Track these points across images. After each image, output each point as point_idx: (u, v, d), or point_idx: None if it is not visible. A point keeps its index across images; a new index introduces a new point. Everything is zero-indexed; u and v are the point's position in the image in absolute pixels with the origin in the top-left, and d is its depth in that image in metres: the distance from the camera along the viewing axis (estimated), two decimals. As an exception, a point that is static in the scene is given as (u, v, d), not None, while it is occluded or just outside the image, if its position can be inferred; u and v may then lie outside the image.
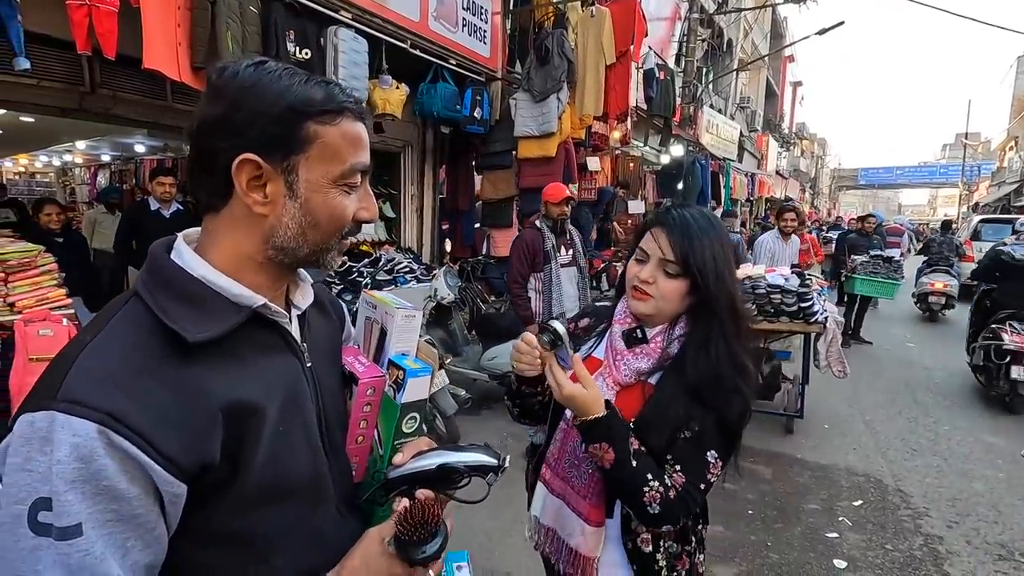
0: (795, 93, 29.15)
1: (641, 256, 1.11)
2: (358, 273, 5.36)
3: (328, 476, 0.75)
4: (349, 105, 0.68)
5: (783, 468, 3.63)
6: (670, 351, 1.10)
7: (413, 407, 0.83)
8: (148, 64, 3.08)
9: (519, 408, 1.24)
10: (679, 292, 1.07)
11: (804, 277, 3.91)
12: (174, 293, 0.63)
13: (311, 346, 0.78)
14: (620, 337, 1.14)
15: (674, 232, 1.06)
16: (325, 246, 0.70)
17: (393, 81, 4.74)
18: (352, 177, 0.69)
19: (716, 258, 1.06)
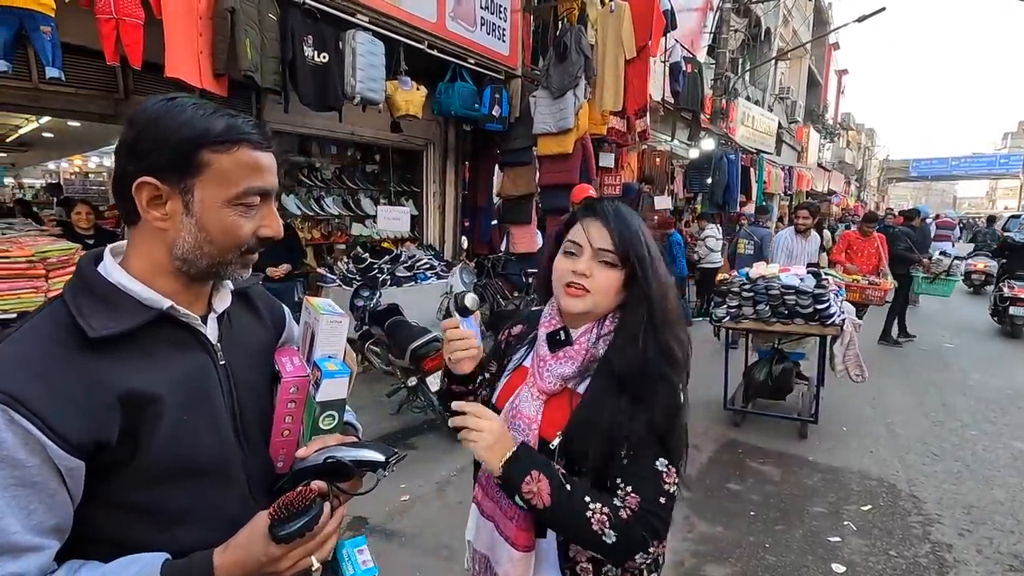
0: (840, 82, 28.02)
1: (572, 249, 1.03)
2: (378, 270, 5.51)
3: (239, 462, 0.83)
4: (247, 136, 0.76)
5: (792, 470, 3.57)
6: (596, 351, 1.03)
7: (331, 406, 0.90)
8: (170, 73, 3.26)
9: (452, 413, 1.10)
10: (616, 284, 1.01)
11: (820, 277, 3.81)
12: (92, 296, 0.73)
13: (229, 345, 0.86)
14: (544, 341, 1.07)
15: (609, 221, 1.01)
16: (223, 259, 0.79)
17: (413, 83, 4.85)
18: (247, 199, 0.77)
19: (649, 245, 1.03)
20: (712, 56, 11.66)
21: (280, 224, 0.84)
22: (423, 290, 5.73)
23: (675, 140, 9.46)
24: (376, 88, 4.51)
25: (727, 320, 4.03)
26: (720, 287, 4.12)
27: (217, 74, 3.54)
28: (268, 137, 0.80)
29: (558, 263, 1.05)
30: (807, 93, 21.85)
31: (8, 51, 2.92)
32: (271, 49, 3.78)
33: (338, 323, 0.97)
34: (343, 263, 5.56)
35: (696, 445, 3.91)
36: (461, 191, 7.11)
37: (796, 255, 5.18)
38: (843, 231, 8.03)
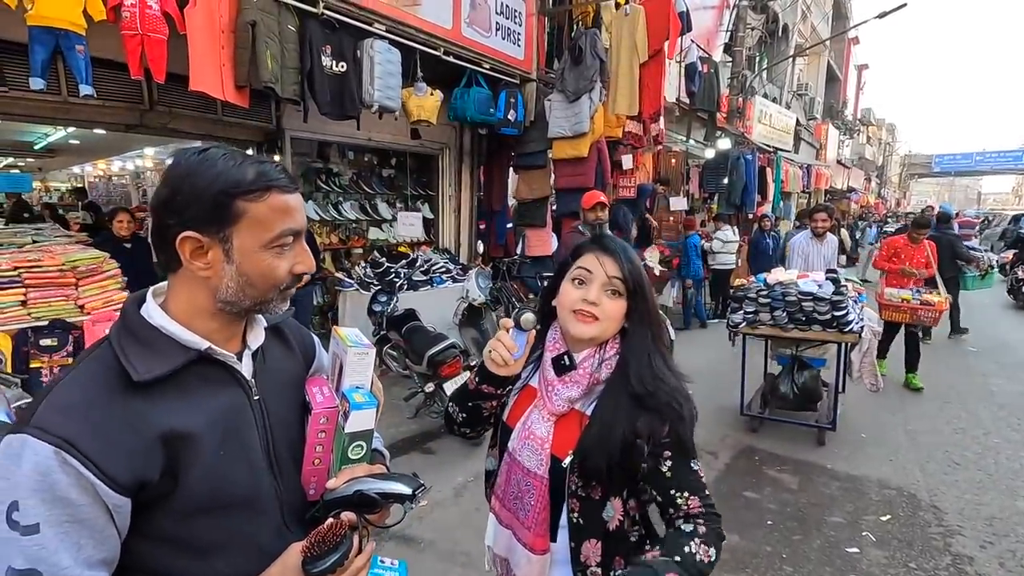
0: (860, 77, 27.55)
1: (582, 277, 1.10)
2: (395, 274, 5.57)
3: (272, 493, 0.87)
4: (276, 182, 0.80)
5: (810, 478, 3.55)
6: (599, 375, 1.10)
7: (359, 436, 0.94)
8: (194, 87, 3.33)
9: (467, 414, 1.22)
10: (621, 312, 1.10)
11: (839, 283, 3.78)
12: (136, 339, 0.78)
13: (264, 380, 0.90)
14: (550, 365, 1.13)
15: (617, 253, 1.11)
16: (264, 299, 0.84)
17: (427, 88, 4.89)
18: (281, 240, 0.81)
19: (644, 275, 1.13)
20: (729, 54, 11.55)
21: (312, 259, 0.88)
22: (439, 294, 5.78)
23: (691, 140, 9.40)
24: (393, 96, 4.55)
25: (744, 326, 4.02)
26: (737, 293, 4.10)
27: (239, 86, 3.61)
28: (294, 179, 0.84)
29: (567, 291, 1.12)
30: (826, 89, 21.53)
31: (44, 69, 3.00)
32: (291, 60, 3.84)
33: (365, 355, 1.01)
34: (360, 267, 5.63)
35: (713, 452, 3.91)
36: (476, 194, 7.15)
37: (812, 260, 5.09)
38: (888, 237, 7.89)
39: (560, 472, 1.07)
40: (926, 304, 4.82)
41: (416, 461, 3.73)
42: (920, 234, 5.39)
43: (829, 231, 5.37)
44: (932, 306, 4.79)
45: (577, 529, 1.08)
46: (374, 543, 0.89)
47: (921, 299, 4.86)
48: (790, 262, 5.15)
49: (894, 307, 4.95)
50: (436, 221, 7.05)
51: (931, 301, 4.80)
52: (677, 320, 7.86)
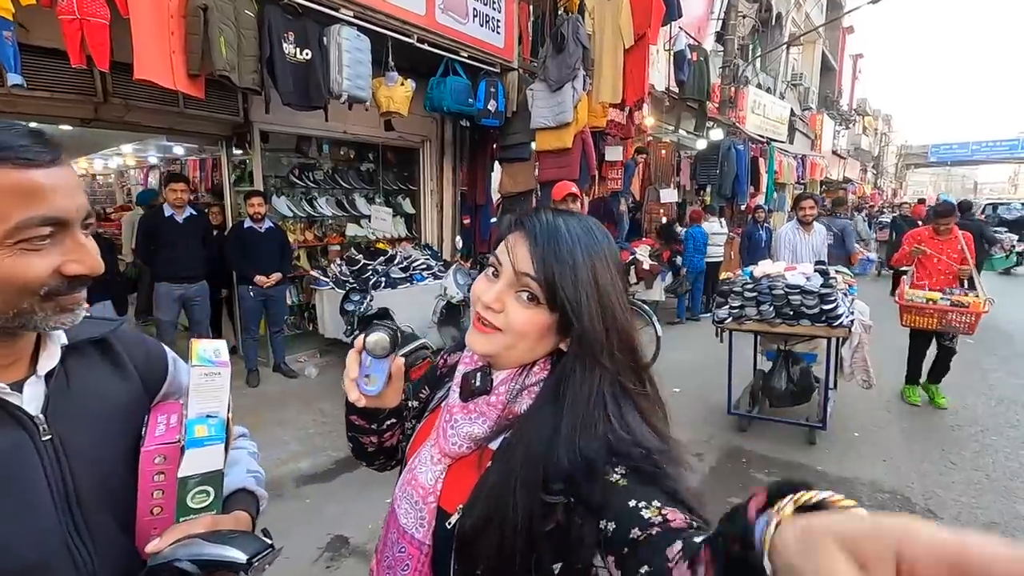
0: (855, 66, 27.32)
1: (495, 266, 0.78)
2: (372, 271, 5.38)
3: (71, 558, 0.68)
4: (10, 152, 0.59)
5: (799, 481, 3.37)
6: (516, 407, 0.77)
7: (200, 481, 0.75)
8: (139, 75, 3.12)
9: (353, 444, 0.95)
10: (540, 327, 0.75)
11: (827, 275, 3.60)
12: None
13: (64, 412, 0.71)
14: (458, 384, 0.83)
15: (538, 241, 0.73)
16: (19, 310, 0.63)
17: (399, 77, 4.68)
18: (27, 232, 0.61)
19: (599, 284, 0.73)
20: (720, 43, 11.33)
21: (96, 259, 0.67)
22: (419, 292, 5.59)
23: (680, 131, 9.20)
24: (363, 85, 4.35)
25: (729, 321, 3.84)
26: (723, 287, 3.92)
27: (191, 74, 3.41)
28: (47, 148, 0.63)
29: (476, 284, 0.81)
30: (821, 79, 21.31)
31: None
32: (249, 47, 3.64)
33: (215, 375, 0.81)
34: (336, 265, 5.44)
35: (698, 454, 3.74)
36: (459, 189, 6.95)
37: (799, 252, 4.85)
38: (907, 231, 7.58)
39: (446, 535, 0.75)
40: (958, 306, 3.97)
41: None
42: (944, 224, 4.55)
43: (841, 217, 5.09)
44: (966, 308, 3.93)
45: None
46: None
47: (952, 299, 4.05)
48: (777, 254, 4.95)
49: (916, 309, 4.14)
50: (418, 216, 6.86)
51: (964, 302, 3.97)
52: (669, 315, 7.69)
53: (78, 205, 0.65)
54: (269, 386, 4.91)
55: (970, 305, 3.95)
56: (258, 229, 4.74)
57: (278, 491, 3.31)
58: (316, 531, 2.88)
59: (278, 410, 4.42)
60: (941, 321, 4.07)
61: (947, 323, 4.07)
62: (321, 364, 5.50)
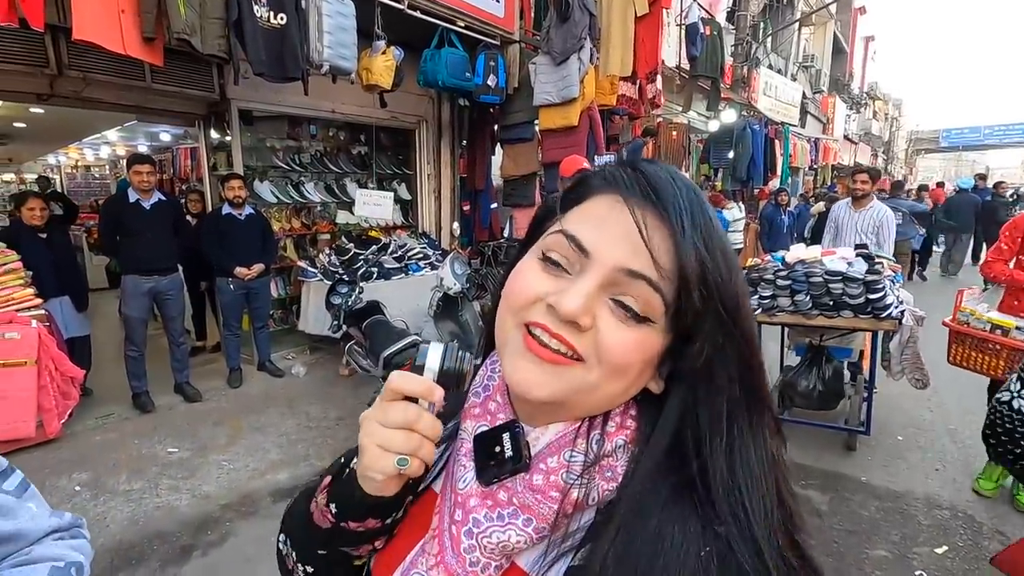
0: (867, 49, 26.60)
1: (565, 255, 0.46)
2: (364, 261, 4.98)
3: None
4: None
5: (843, 497, 2.97)
6: (583, 496, 0.45)
7: None
8: (79, 36, 2.71)
9: (315, 568, 0.55)
10: (647, 356, 0.45)
11: (872, 260, 3.17)
12: None
13: None
14: (470, 452, 0.50)
15: (679, 216, 0.44)
16: None
17: (383, 46, 4.23)
18: None
19: (742, 284, 0.46)
20: (731, 21, 10.81)
21: None
22: (415, 282, 5.21)
23: (692, 111, 8.72)
24: (347, 55, 3.92)
25: (759, 313, 3.42)
26: (751, 275, 3.49)
27: (146, 37, 2.99)
28: None
29: (524, 275, 0.48)
30: (832, 61, 20.69)
31: None
32: (213, 8, 3.21)
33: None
34: (325, 255, 5.04)
35: (724, 462, 3.33)
36: (458, 173, 6.52)
37: (843, 233, 4.36)
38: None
39: None
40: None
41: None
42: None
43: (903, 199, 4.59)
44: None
45: None
46: None
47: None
48: (827, 233, 4.48)
49: (972, 340, 2.76)
50: (414, 202, 6.44)
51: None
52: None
53: None
54: (252, 387, 4.53)
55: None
56: (238, 216, 4.33)
57: (252, 507, 2.94)
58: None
59: (259, 413, 4.04)
60: (1009, 364, 2.56)
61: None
62: (310, 362, 5.11)
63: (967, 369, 2.85)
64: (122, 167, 12.13)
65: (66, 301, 3.81)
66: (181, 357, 4.27)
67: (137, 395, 4.03)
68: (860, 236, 4.38)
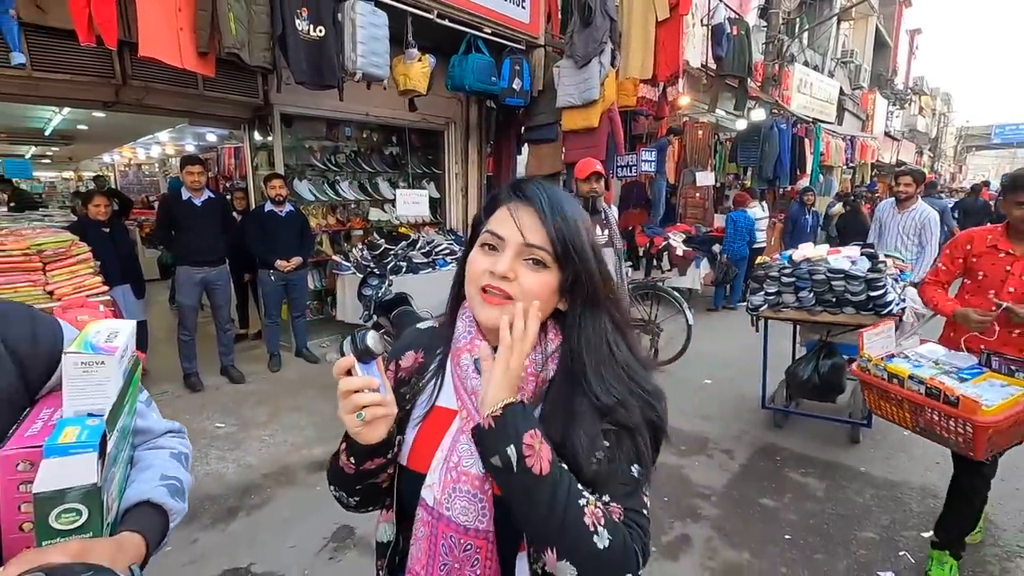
0: (912, 42, 25.72)
1: (492, 242, 0.77)
2: (393, 256, 5.28)
3: None
4: None
5: (840, 484, 3.10)
6: (545, 374, 0.78)
7: (68, 497, 0.61)
8: (145, 52, 3.06)
9: (360, 496, 0.85)
10: (548, 287, 0.76)
11: (876, 259, 3.28)
12: None
13: None
14: (473, 371, 0.79)
15: (543, 207, 0.76)
16: None
17: (417, 53, 4.51)
18: None
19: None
20: (764, 18, 10.74)
21: None
22: (441, 277, 5.47)
23: (719, 110, 8.75)
24: (379, 63, 4.21)
25: (765, 309, 3.56)
26: (758, 271, 3.64)
27: (200, 52, 3.33)
28: None
29: (473, 260, 0.80)
30: (874, 56, 20.12)
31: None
32: (259, 24, 3.53)
33: (96, 364, 0.67)
34: (358, 250, 5.36)
35: (728, 450, 3.50)
36: (485, 172, 6.78)
37: (885, 235, 4.53)
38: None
39: (510, 521, 0.72)
40: (938, 398, 1.99)
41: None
42: None
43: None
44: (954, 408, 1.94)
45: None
46: None
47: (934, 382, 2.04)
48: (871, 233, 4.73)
49: (880, 390, 2.26)
50: (442, 201, 6.73)
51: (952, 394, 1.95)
52: (707, 302, 7.37)
53: None
54: (289, 371, 4.89)
55: (959, 403, 1.91)
56: (278, 213, 4.69)
57: (290, 477, 3.26)
58: (323, 520, 2.79)
59: (296, 395, 4.38)
60: (918, 420, 2.12)
61: (927, 426, 2.08)
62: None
63: (885, 419, 2.34)
64: (170, 165, 12.84)
65: (127, 289, 4.23)
66: (227, 342, 4.65)
67: (188, 375, 4.43)
68: (902, 237, 4.47)
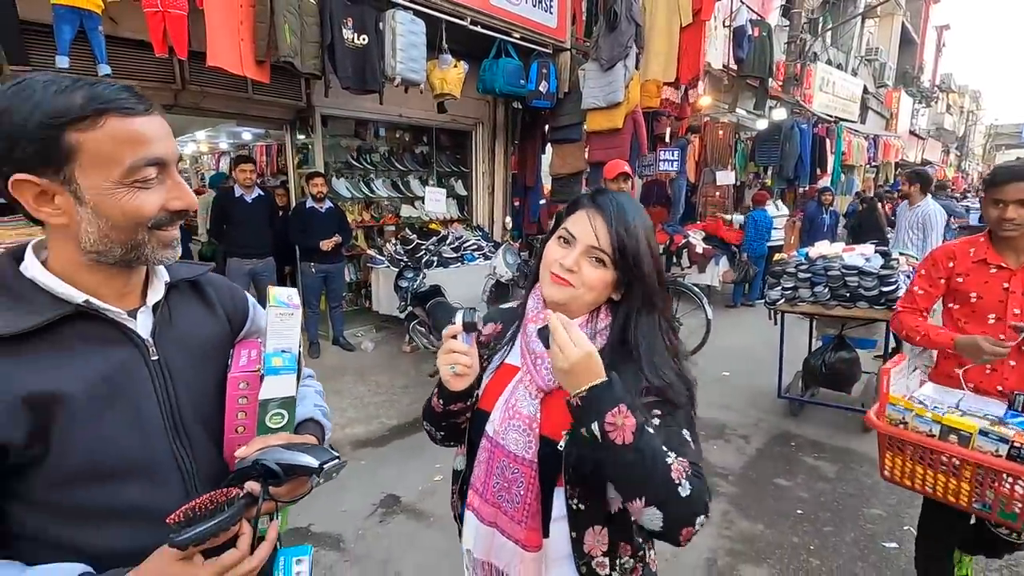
0: (940, 39, 25.31)
1: (567, 237, 0.98)
2: (425, 251, 5.55)
3: (173, 462, 0.80)
4: (112, 104, 0.68)
5: (850, 467, 3.30)
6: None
7: (277, 404, 0.87)
8: (211, 62, 3.36)
9: (445, 432, 1.11)
10: (604, 282, 0.97)
11: (888, 256, 3.46)
12: (7, 292, 0.71)
13: (168, 340, 0.83)
14: (536, 336, 0.99)
15: (611, 218, 0.95)
16: (135, 242, 0.74)
17: (452, 59, 4.77)
18: (139, 174, 0.71)
19: (651, 246, 0.99)
20: (787, 17, 10.80)
21: (192, 196, 0.77)
22: (469, 271, 5.73)
23: (739, 110, 8.87)
24: (417, 68, 4.48)
25: (782, 302, 3.76)
26: (775, 267, 3.84)
27: (258, 61, 3.62)
28: (141, 99, 0.71)
29: (550, 248, 1.01)
30: (900, 53, 19.90)
31: (67, 48, 3.09)
32: (311, 34, 3.82)
33: (288, 315, 0.93)
34: (391, 245, 5.65)
35: (745, 436, 3.71)
36: (510, 171, 7.02)
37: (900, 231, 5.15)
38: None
39: (551, 456, 0.95)
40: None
41: (436, 436, 3.74)
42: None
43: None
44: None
45: (577, 516, 0.96)
46: (277, 523, 0.82)
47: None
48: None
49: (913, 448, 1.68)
50: (470, 198, 6.99)
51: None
52: (725, 299, 7.53)
53: (173, 149, 0.75)
54: (328, 358, 5.20)
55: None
56: (319, 209, 4.98)
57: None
58: (370, 490, 3.07)
59: (336, 380, 4.68)
60: (982, 495, 1.53)
61: (996, 502, 1.50)
62: (377, 339, 5.75)
63: (909, 489, 1.78)
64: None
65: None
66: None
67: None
68: (909, 232, 4.95)
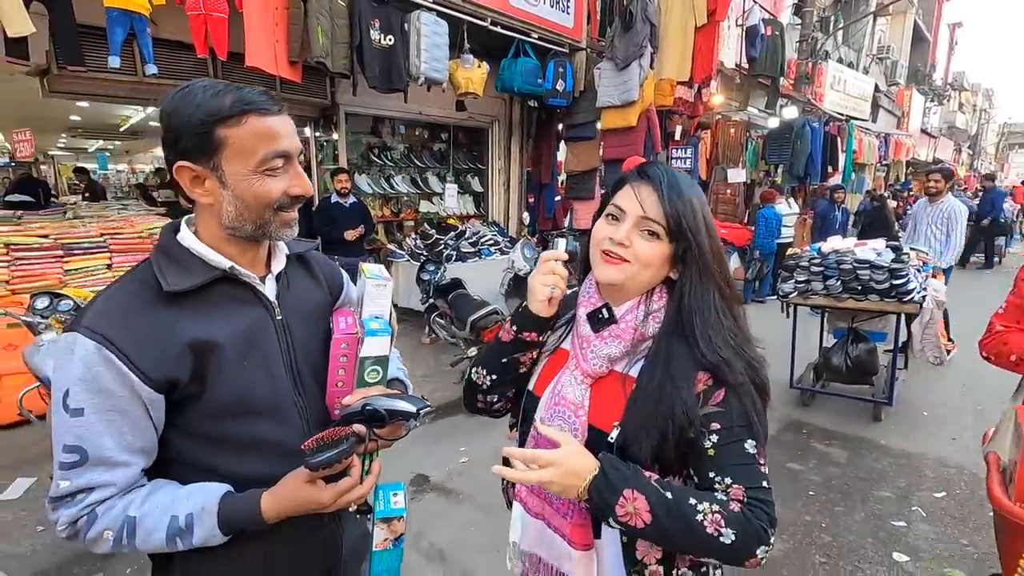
0: (952, 36, 25.15)
1: (615, 213, 0.92)
2: (444, 245, 5.71)
3: (294, 406, 0.96)
4: (252, 106, 0.84)
5: (860, 453, 3.42)
6: (645, 330, 0.92)
7: (374, 361, 1.02)
8: (249, 62, 3.53)
9: (497, 374, 1.05)
10: (660, 257, 0.90)
11: (899, 251, 3.57)
12: (170, 258, 0.88)
13: (287, 303, 0.99)
14: (585, 321, 0.96)
15: (662, 187, 0.89)
16: (263, 220, 0.89)
17: (474, 60, 4.92)
18: (269, 164, 0.86)
19: (706, 218, 0.92)
20: (798, 16, 10.86)
21: (308, 183, 0.93)
22: (487, 265, 5.89)
23: (750, 108, 8.96)
24: (440, 68, 4.63)
25: (795, 295, 3.88)
26: (788, 261, 3.95)
27: (291, 61, 3.79)
28: (275, 101, 0.87)
29: (597, 228, 0.95)
30: (912, 51, 19.81)
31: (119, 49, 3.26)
32: (341, 35, 3.99)
33: (383, 286, 1.08)
34: (411, 239, 5.81)
35: (757, 424, 3.83)
36: (526, 167, 7.17)
37: (919, 227, 5.21)
38: None
39: (601, 448, 0.88)
40: None
41: (460, 422, 3.87)
42: None
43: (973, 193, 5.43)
44: None
45: None
46: (380, 462, 0.97)
47: None
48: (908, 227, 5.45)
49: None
50: (486, 194, 7.14)
51: None
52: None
53: (296, 144, 0.91)
54: (351, 348, 5.37)
55: None
56: (343, 204, 5.15)
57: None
58: (401, 469, 3.23)
59: (360, 369, 4.85)
60: None
61: None
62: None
63: None
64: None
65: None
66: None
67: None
68: (932, 227, 5.15)
